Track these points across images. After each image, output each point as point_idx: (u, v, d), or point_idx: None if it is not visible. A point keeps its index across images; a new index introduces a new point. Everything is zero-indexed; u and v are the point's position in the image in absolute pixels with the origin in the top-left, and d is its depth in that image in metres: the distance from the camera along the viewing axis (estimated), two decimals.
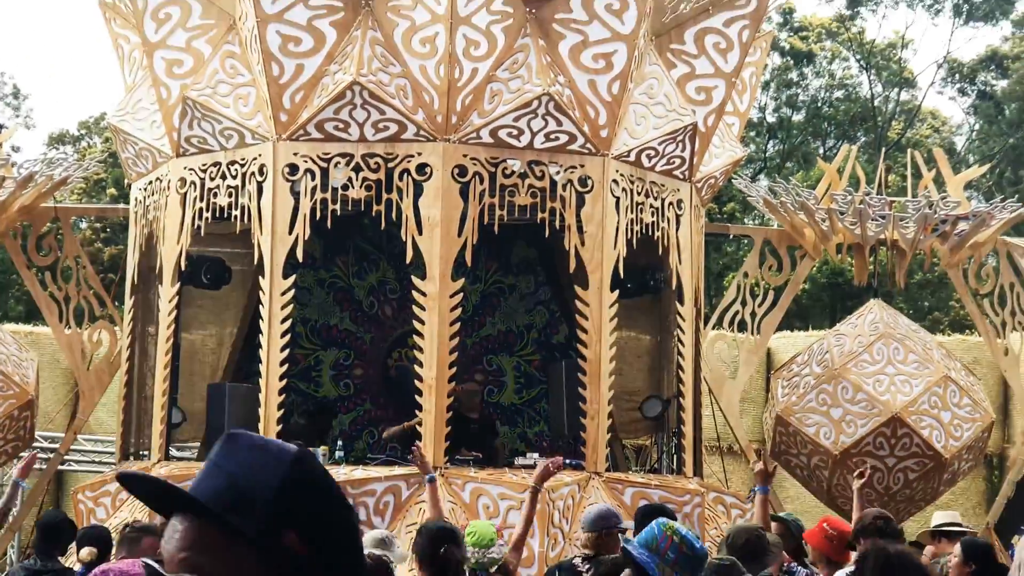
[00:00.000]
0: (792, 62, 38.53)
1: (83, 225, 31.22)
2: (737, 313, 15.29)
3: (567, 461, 12.52)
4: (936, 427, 14.23)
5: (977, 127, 39.78)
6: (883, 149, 22.19)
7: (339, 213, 11.94)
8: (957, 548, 7.09)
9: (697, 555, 5.08)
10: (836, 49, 39.07)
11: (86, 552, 7.98)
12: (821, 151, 37.72)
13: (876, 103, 39.18)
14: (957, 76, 39.05)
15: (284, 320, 11.92)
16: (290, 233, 11.90)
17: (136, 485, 2.30)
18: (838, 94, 39.28)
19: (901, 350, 14.54)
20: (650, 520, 5.24)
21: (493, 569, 7.92)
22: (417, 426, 11.81)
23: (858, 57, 39.14)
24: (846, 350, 14.67)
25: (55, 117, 68.55)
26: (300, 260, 12.22)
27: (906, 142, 35.41)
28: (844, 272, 28.45)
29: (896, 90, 39.28)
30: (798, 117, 39.44)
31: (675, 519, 5.58)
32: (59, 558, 8.58)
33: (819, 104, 39.20)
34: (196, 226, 12.35)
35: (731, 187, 23.19)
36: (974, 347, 20.20)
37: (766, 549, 6.98)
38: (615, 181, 12.20)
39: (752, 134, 37.77)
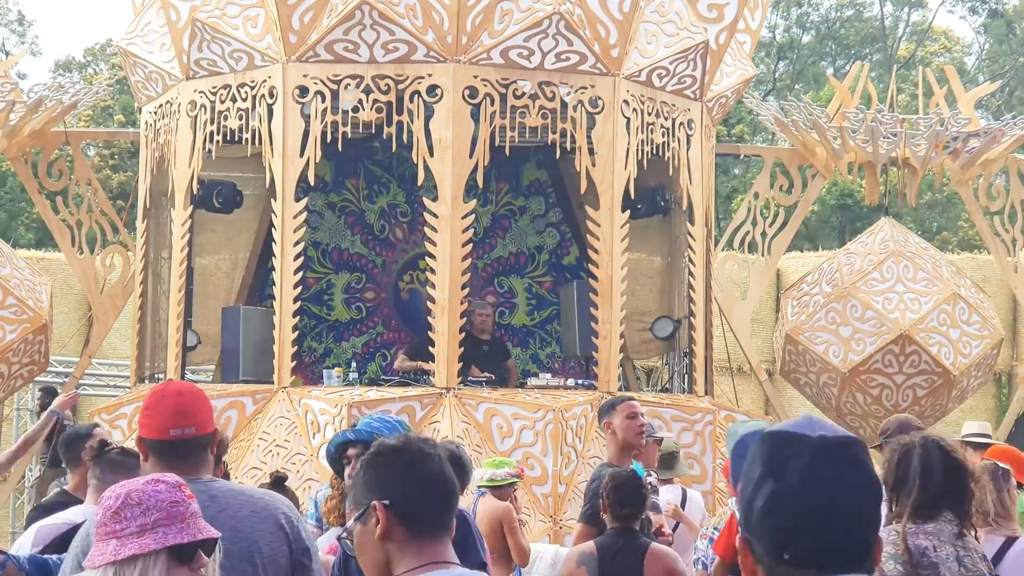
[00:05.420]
0: None
1: (91, 152, 31.20)
2: (747, 234, 15.29)
3: (578, 381, 12.63)
4: (945, 344, 14.28)
5: (987, 46, 39.47)
6: (894, 67, 22.07)
7: (350, 135, 11.94)
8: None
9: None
10: None
11: None
12: (830, 72, 37.47)
13: (887, 23, 38.87)
14: None
15: (296, 243, 11.96)
16: (301, 156, 11.90)
17: None
18: (848, 13, 38.96)
19: (911, 268, 14.56)
20: None
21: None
22: (429, 369, 11.92)
23: None
24: (856, 268, 14.69)
25: (61, 44, 68.26)
26: (311, 183, 12.24)
27: (916, 61, 35.19)
28: (853, 193, 28.40)
29: (906, 9, 38.95)
30: (807, 38, 39.17)
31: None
32: None
33: (829, 24, 38.91)
34: (207, 149, 12.36)
35: (740, 109, 23.10)
36: (984, 265, 20.22)
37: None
38: (626, 101, 12.16)
39: (762, 55, 37.53)
